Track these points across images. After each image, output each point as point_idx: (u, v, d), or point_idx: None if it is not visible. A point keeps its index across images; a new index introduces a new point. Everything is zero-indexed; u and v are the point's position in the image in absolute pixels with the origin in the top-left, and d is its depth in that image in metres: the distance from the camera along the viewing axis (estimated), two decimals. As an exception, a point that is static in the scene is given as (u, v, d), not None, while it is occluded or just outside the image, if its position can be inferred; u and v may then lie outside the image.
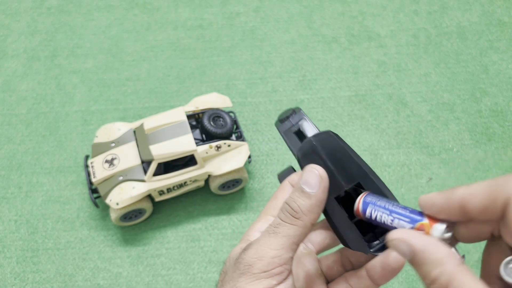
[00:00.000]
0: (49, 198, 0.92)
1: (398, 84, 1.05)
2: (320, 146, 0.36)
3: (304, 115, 0.40)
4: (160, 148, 0.81)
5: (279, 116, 0.42)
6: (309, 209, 0.33)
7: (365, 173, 0.35)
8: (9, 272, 0.84)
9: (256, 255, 0.32)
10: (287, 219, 0.33)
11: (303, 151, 0.36)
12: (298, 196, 0.33)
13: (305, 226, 0.33)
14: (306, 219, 0.33)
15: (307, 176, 0.34)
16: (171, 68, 1.09)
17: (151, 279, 0.83)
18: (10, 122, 1.01)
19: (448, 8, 1.18)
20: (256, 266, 0.32)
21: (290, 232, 0.33)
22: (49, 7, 1.20)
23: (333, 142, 0.36)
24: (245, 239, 0.37)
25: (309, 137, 0.36)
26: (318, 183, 0.33)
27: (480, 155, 0.95)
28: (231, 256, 0.35)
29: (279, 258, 0.32)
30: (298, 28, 1.15)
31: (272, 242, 0.32)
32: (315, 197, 0.33)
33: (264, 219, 0.38)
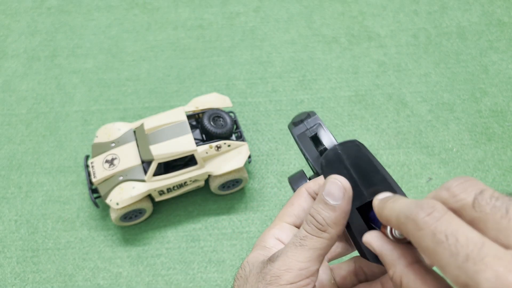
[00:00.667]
0: (49, 198, 0.92)
1: (398, 84, 1.06)
2: (345, 154, 0.35)
3: (320, 120, 0.40)
4: (160, 148, 0.81)
5: (293, 118, 0.41)
6: (334, 222, 0.33)
7: (388, 184, 0.34)
8: (9, 272, 0.84)
9: (283, 267, 0.32)
10: (313, 232, 0.33)
11: (328, 158, 0.36)
12: (322, 209, 0.33)
13: (331, 238, 0.33)
14: (332, 231, 0.33)
15: (331, 188, 0.33)
16: (171, 68, 1.09)
17: (151, 279, 0.83)
18: (10, 122, 1.01)
19: (448, 8, 1.18)
20: (283, 278, 0.32)
21: (316, 245, 0.33)
22: (49, 7, 1.20)
23: (358, 151, 0.35)
24: (261, 246, 0.37)
25: (334, 145, 0.36)
26: (342, 195, 0.33)
27: (480, 155, 0.95)
28: (251, 262, 0.35)
29: (306, 270, 0.32)
30: (298, 28, 1.15)
31: (300, 255, 0.32)
32: (340, 209, 0.33)
33: (279, 225, 0.38)
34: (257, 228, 0.88)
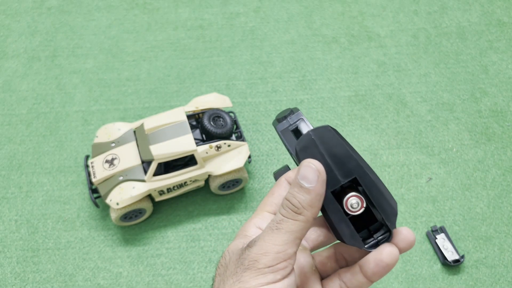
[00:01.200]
0: (50, 198, 0.92)
1: (398, 84, 1.06)
2: (318, 140, 0.36)
3: (302, 115, 0.41)
4: (160, 148, 0.81)
5: (277, 115, 0.42)
6: (309, 204, 0.33)
7: (361, 168, 0.35)
8: (10, 272, 0.84)
9: (261, 251, 0.33)
10: (289, 215, 0.33)
11: (302, 144, 0.36)
12: (297, 192, 0.34)
13: (307, 221, 0.34)
14: (307, 213, 0.33)
15: (305, 171, 0.34)
16: (171, 68, 1.09)
17: (151, 279, 0.83)
18: (10, 122, 1.01)
19: (448, 8, 1.18)
20: (261, 261, 0.32)
21: (293, 228, 0.33)
22: (50, 7, 1.20)
23: (332, 137, 0.36)
24: (242, 235, 0.37)
25: (308, 131, 0.36)
26: (316, 178, 0.33)
27: (480, 155, 0.95)
28: (231, 251, 0.36)
29: (283, 253, 0.32)
30: (298, 28, 1.15)
31: (276, 238, 0.33)
32: (314, 191, 0.33)
33: (260, 215, 0.38)
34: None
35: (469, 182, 0.92)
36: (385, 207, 0.35)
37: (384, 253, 0.33)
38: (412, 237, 0.35)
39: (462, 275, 0.82)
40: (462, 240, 0.86)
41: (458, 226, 0.87)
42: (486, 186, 0.92)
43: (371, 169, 0.36)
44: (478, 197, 0.90)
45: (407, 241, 0.35)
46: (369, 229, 0.37)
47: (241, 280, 0.32)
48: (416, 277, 0.82)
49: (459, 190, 0.91)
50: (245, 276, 0.32)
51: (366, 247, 0.35)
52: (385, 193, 0.35)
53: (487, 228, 0.87)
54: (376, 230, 0.36)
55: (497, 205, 0.90)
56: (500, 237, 0.86)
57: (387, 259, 0.33)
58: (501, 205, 0.90)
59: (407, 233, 0.35)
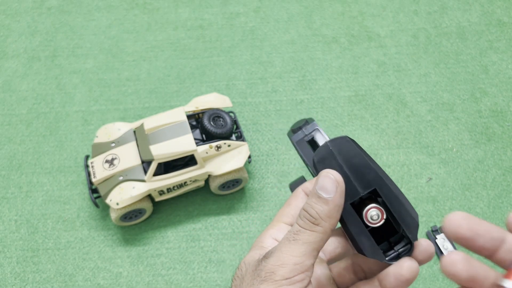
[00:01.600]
0: (50, 198, 0.92)
1: (398, 84, 1.06)
2: (336, 151, 0.35)
3: (317, 126, 0.40)
4: (160, 148, 0.81)
5: (292, 126, 0.42)
6: (327, 215, 0.33)
7: (381, 179, 0.34)
8: (9, 272, 0.84)
9: (278, 263, 0.32)
10: (307, 226, 0.33)
11: (320, 155, 0.36)
12: (315, 202, 0.33)
13: (325, 232, 0.33)
14: (325, 225, 0.33)
15: (323, 181, 0.33)
16: (171, 68, 1.09)
17: (151, 279, 0.83)
18: (10, 122, 1.01)
19: (448, 8, 1.18)
20: (278, 273, 0.32)
21: (310, 239, 0.32)
22: (50, 7, 1.20)
23: (350, 147, 0.36)
24: (258, 246, 0.37)
25: (326, 142, 0.36)
26: (335, 188, 0.33)
27: (480, 155, 0.95)
28: (247, 262, 0.35)
29: (300, 265, 0.32)
30: (298, 28, 1.15)
31: (293, 250, 0.32)
32: (333, 202, 0.33)
33: (277, 226, 0.38)
34: (257, 228, 0.88)
35: (469, 182, 0.92)
36: (406, 219, 0.34)
37: (405, 268, 0.33)
38: (431, 249, 0.34)
39: (462, 275, 0.82)
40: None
41: (458, 226, 0.87)
42: (486, 186, 0.92)
43: (391, 180, 0.35)
44: (478, 197, 0.90)
45: (427, 254, 0.34)
46: (390, 241, 0.36)
47: None
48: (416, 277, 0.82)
49: (459, 190, 0.91)
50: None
51: (387, 260, 0.34)
52: (405, 205, 0.34)
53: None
54: (396, 242, 0.36)
55: (497, 205, 0.90)
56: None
57: (407, 274, 0.33)
58: (501, 205, 0.90)
59: (427, 245, 0.34)
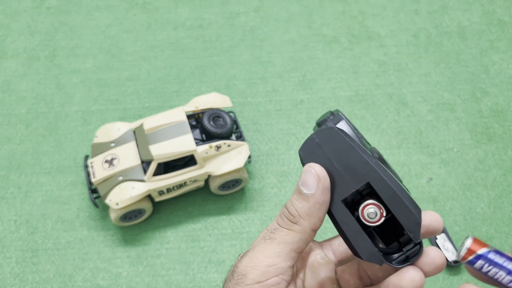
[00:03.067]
0: (49, 198, 0.91)
1: (398, 84, 1.05)
2: (324, 143, 0.32)
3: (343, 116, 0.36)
4: (160, 148, 0.81)
5: (317, 120, 0.38)
6: (307, 213, 0.30)
7: (375, 171, 0.30)
8: (9, 272, 0.84)
9: (250, 264, 0.29)
10: (284, 224, 0.30)
11: (306, 149, 0.32)
12: (295, 199, 0.30)
13: (303, 232, 0.30)
14: (304, 223, 0.30)
15: (305, 176, 0.30)
16: (171, 68, 1.09)
17: (151, 279, 0.83)
18: (9, 122, 1.01)
19: (449, 8, 1.18)
20: (249, 276, 0.29)
21: (287, 238, 0.29)
22: (49, 7, 1.20)
23: (339, 138, 0.32)
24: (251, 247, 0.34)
25: (311, 134, 0.33)
26: (316, 183, 0.30)
27: (481, 155, 0.95)
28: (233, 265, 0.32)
29: (274, 267, 0.29)
30: (298, 28, 1.15)
31: (268, 249, 0.29)
32: (313, 198, 0.30)
33: None
34: (257, 228, 0.88)
35: (470, 182, 0.92)
36: (404, 215, 0.30)
37: (406, 279, 0.28)
38: (440, 260, 0.29)
39: (462, 275, 0.82)
40: (463, 240, 0.85)
41: (458, 226, 0.87)
42: (486, 186, 0.91)
43: (387, 172, 0.31)
44: (478, 197, 0.90)
45: (434, 265, 0.29)
46: (400, 241, 0.32)
47: None
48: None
49: (460, 190, 0.91)
50: None
51: (394, 263, 0.30)
52: (404, 199, 0.30)
53: (487, 228, 0.87)
54: (406, 242, 0.31)
55: (497, 205, 0.89)
56: (500, 237, 0.86)
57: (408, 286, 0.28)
58: (501, 205, 0.89)
59: (435, 254, 0.29)
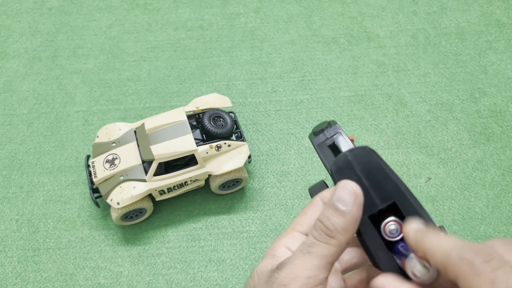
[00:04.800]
0: (50, 198, 0.92)
1: (397, 84, 1.06)
2: (355, 161, 0.34)
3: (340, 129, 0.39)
4: (160, 148, 0.81)
5: (314, 128, 0.41)
6: (344, 228, 0.32)
7: (401, 192, 0.33)
8: (11, 271, 0.85)
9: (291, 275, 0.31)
10: (322, 238, 0.32)
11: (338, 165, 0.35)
12: (332, 214, 0.32)
13: (340, 245, 0.32)
14: (341, 238, 0.32)
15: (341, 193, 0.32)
16: (172, 68, 1.09)
17: (151, 278, 0.84)
18: (11, 122, 1.02)
19: (447, 9, 1.18)
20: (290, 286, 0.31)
21: (325, 252, 0.31)
22: (50, 7, 1.21)
23: (369, 158, 0.34)
24: (270, 254, 0.36)
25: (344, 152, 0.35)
26: (353, 200, 0.32)
27: (479, 155, 0.96)
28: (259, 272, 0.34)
29: (314, 278, 0.31)
30: (298, 28, 1.16)
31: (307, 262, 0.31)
32: (350, 215, 0.32)
33: (290, 234, 0.37)
34: (257, 228, 0.88)
35: (468, 182, 0.93)
36: None
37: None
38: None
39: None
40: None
41: (457, 226, 0.88)
42: (485, 186, 0.92)
43: (410, 193, 0.34)
44: (477, 196, 0.91)
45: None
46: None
47: None
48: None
49: (458, 190, 0.92)
50: None
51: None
52: (426, 219, 0.33)
53: (486, 228, 0.87)
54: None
55: (496, 204, 0.90)
56: (499, 236, 0.86)
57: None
58: (500, 205, 0.90)
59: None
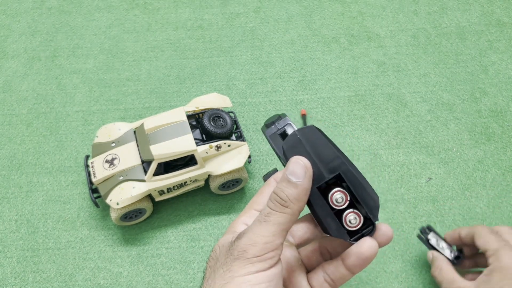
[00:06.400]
0: (50, 198, 0.92)
1: (397, 84, 1.06)
2: (304, 139, 0.38)
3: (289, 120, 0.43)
4: (160, 148, 0.81)
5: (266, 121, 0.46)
6: (296, 198, 0.35)
7: (345, 165, 0.37)
8: (10, 272, 0.84)
9: (249, 242, 0.34)
10: (277, 208, 0.36)
11: (289, 144, 0.38)
12: (285, 186, 0.36)
13: (293, 214, 0.36)
14: (294, 207, 0.35)
15: (293, 167, 0.36)
16: (172, 68, 1.09)
17: (151, 278, 0.84)
18: (10, 122, 1.02)
19: (448, 9, 1.18)
20: (249, 252, 0.34)
21: (280, 220, 0.35)
22: (50, 7, 1.21)
23: (317, 136, 0.38)
24: (231, 231, 0.39)
25: (294, 131, 0.39)
26: (304, 173, 0.36)
27: (480, 155, 0.96)
28: (221, 245, 0.38)
29: (271, 244, 0.34)
30: (298, 28, 1.16)
31: (264, 230, 0.35)
32: (302, 186, 0.36)
33: (248, 213, 0.40)
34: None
35: (469, 182, 0.92)
36: (368, 201, 0.37)
37: (364, 247, 0.36)
38: (390, 233, 0.38)
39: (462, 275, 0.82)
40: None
41: (458, 226, 0.87)
42: (485, 186, 0.92)
43: (354, 166, 0.38)
44: (477, 197, 0.91)
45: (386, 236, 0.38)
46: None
47: (230, 269, 0.34)
48: (416, 277, 0.82)
49: (459, 190, 0.92)
50: (235, 265, 0.34)
51: (351, 240, 0.37)
52: (367, 188, 0.37)
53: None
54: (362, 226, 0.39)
55: (496, 205, 0.90)
56: (499, 237, 0.86)
57: (367, 252, 0.36)
58: (500, 205, 0.90)
59: (386, 229, 0.38)
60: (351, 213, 0.37)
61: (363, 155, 0.96)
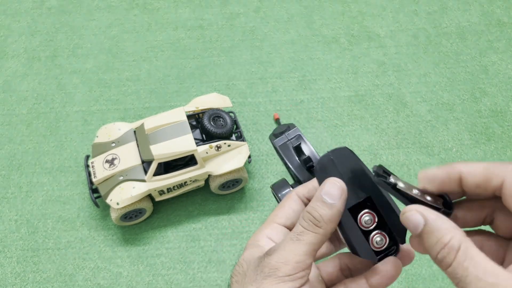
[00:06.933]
0: (50, 198, 0.92)
1: (397, 84, 1.06)
2: (337, 160, 0.39)
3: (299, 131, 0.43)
4: (160, 148, 0.81)
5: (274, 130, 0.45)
6: (330, 219, 0.36)
7: (376, 187, 0.38)
8: (10, 272, 0.84)
9: (281, 260, 0.35)
10: (310, 228, 0.36)
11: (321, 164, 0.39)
12: (319, 206, 0.36)
13: (325, 234, 0.36)
14: (327, 227, 0.36)
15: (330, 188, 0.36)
16: (171, 68, 1.09)
17: (151, 278, 0.84)
18: (10, 122, 1.02)
19: (448, 9, 1.18)
20: (281, 270, 0.34)
21: (312, 240, 0.35)
22: (50, 7, 1.20)
23: (349, 158, 0.39)
24: (254, 244, 0.39)
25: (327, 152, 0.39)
26: (339, 195, 0.36)
27: (480, 155, 0.96)
28: (247, 259, 0.37)
29: (302, 263, 0.34)
30: (298, 28, 1.15)
31: (296, 249, 0.35)
32: (336, 207, 0.36)
33: (270, 226, 0.40)
34: (257, 228, 0.88)
35: (469, 182, 0.92)
36: (395, 224, 0.38)
37: (390, 266, 0.37)
38: (412, 254, 0.39)
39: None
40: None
41: (458, 226, 0.87)
42: (486, 186, 0.92)
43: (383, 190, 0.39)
44: (478, 197, 0.91)
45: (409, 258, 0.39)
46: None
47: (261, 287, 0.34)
48: (416, 277, 0.82)
49: (459, 190, 0.91)
50: (266, 283, 0.34)
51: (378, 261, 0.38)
52: (396, 211, 0.38)
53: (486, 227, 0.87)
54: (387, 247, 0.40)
55: (497, 205, 0.90)
56: (500, 237, 0.86)
57: (392, 272, 0.36)
58: (501, 205, 0.90)
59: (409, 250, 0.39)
60: (378, 234, 0.38)
61: (363, 155, 0.95)
